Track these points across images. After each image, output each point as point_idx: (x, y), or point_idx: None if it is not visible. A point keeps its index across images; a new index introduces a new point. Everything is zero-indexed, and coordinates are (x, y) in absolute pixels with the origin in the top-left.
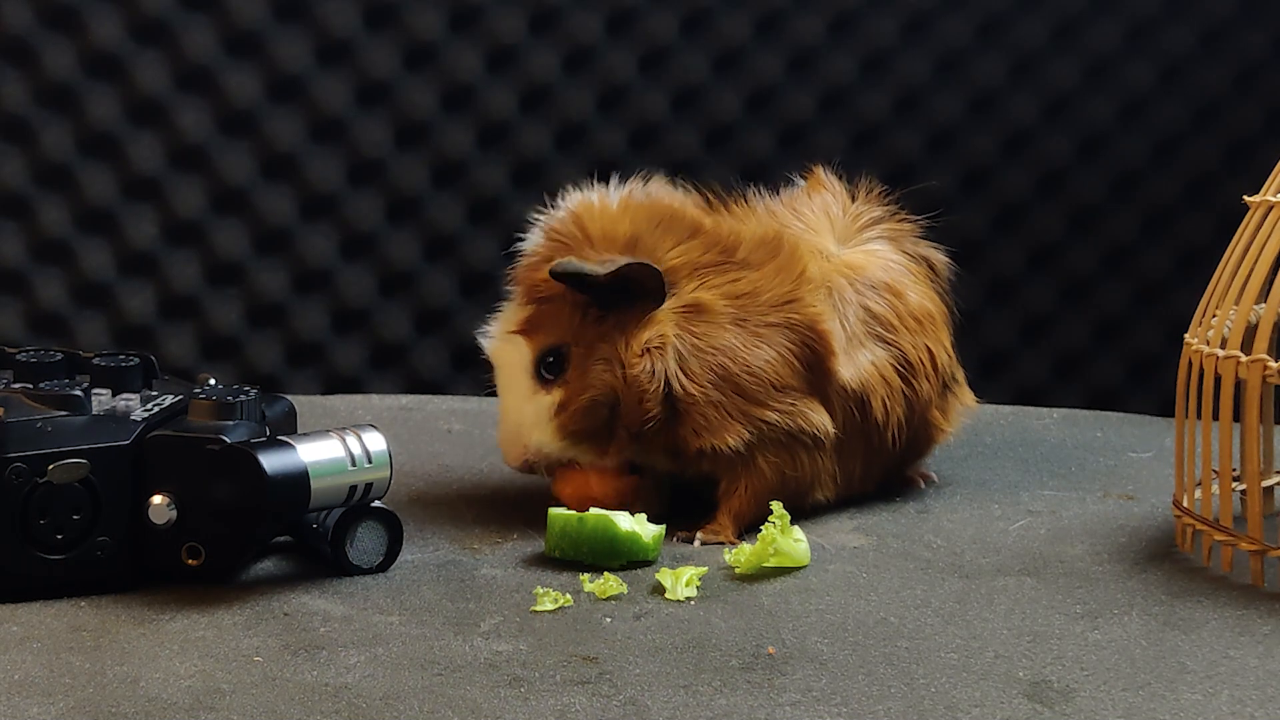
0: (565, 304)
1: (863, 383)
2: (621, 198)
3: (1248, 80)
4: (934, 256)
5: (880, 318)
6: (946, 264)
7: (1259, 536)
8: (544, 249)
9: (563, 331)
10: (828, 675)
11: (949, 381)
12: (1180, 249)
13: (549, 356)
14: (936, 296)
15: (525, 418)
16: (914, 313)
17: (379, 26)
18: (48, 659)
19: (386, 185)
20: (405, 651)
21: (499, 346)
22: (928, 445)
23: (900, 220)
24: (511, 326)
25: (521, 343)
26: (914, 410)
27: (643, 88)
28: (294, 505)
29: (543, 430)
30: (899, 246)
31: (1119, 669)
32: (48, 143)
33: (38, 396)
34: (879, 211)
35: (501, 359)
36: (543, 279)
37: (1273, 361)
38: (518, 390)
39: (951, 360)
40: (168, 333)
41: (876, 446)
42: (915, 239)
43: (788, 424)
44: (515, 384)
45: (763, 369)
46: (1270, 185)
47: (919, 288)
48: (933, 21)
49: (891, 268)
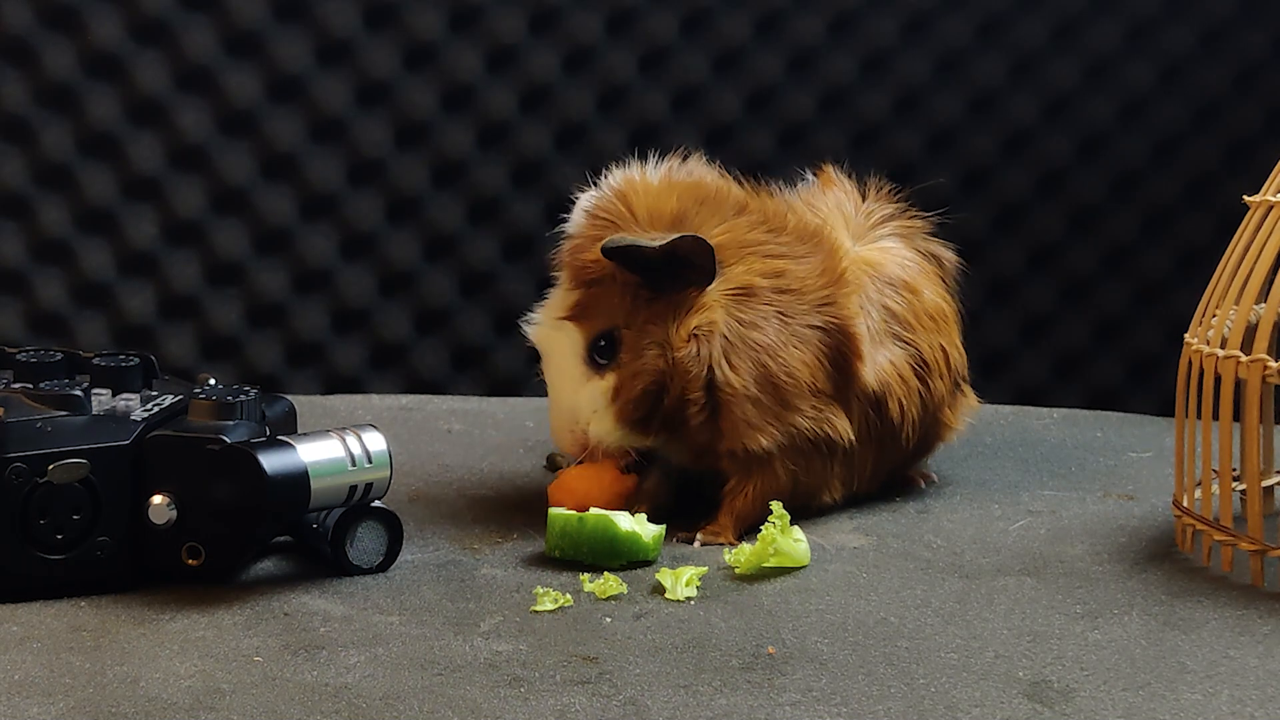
0: (615, 285)
1: (882, 384)
2: (663, 175)
3: (1248, 80)
4: (943, 254)
5: (899, 316)
6: (955, 261)
7: (1259, 536)
8: (590, 230)
9: (613, 314)
10: (828, 675)
11: (960, 380)
12: (1180, 249)
13: (600, 340)
14: (947, 294)
15: (581, 404)
16: (930, 311)
17: (379, 26)
18: (48, 659)
19: (386, 185)
20: (405, 651)
21: (547, 333)
22: (936, 443)
23: (910, 217)
24: (560, 312)
25: (572, 328)
26: (928, 409)
27: (643, 88)
28: (294, 505)
29: (601, 418)
30: (910, 244)
31: (1119, 669)
32: (48, 143)
33: (38, 396)
34: (890, 209)
35: (551, 346)
36: (592, 260)
37: (1273, 361)
38: (570, 376)
39: (963, 359)
40: (168, 333)
41: (889, 447)
42: (925, 236)
43: (813, 430)
44: (566, 370)
45: (799, 370)
46: (1270, 185)
47: (933, 285)
48: (933, 21)
49: (907, 265)
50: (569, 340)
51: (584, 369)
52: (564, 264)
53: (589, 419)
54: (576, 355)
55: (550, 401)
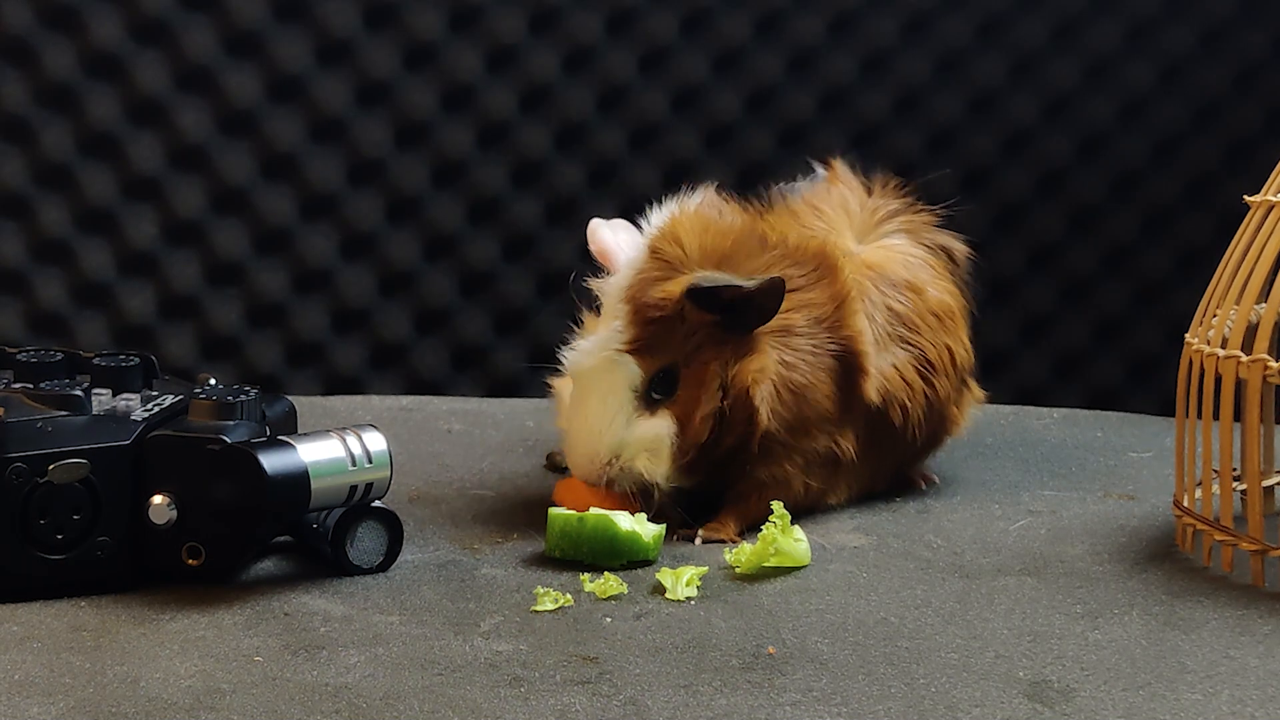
0: (679, 324)
1: (883, 393)
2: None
3: (1248, 80)
4: (954, 246)
5: (903, 317)
6: (966, 253)
7: (1259, 536)
8: (651, 268)
9: (673, 352)
10: (828, 675)
11: (965, 377)
12: (1180, 249)
13: (660, 376)
14: (955, 289)
15: (630, 440)
16: (934, 310)
17: (379, 26)
18: (48, 659)
19: (386, 185)
20: (405, 651)
21: (599, 364)
22: (942, 440)
23: (918, 211)
24: (622, 345)
25: (631, 362)
26: (933, 409)
27: (643, 88)
28: (294, 505)
29: (657, 458)
30: (917, 239)
31: (1119, 669)
32: (48, 143)
33: (38, 396)
34: (896, 204)
35: (599, 378)
36: (659, 297)
37: (1273, 361)
38: (616, 410)
39: (969, 355)
40: (168, 333)
41: (892, 449)
42: (934, 229)
43: (825, 450)
44: (613, 404)
45: (823, 404)
46: (1270, 185)
47: (939, 282)
48: (933, 21)
49: (911, 263)
50: (625, 374)
51: (635, 404)
52: (627, 298)
53: (635, 456)
54: (630, 390)
55: (579, 430)
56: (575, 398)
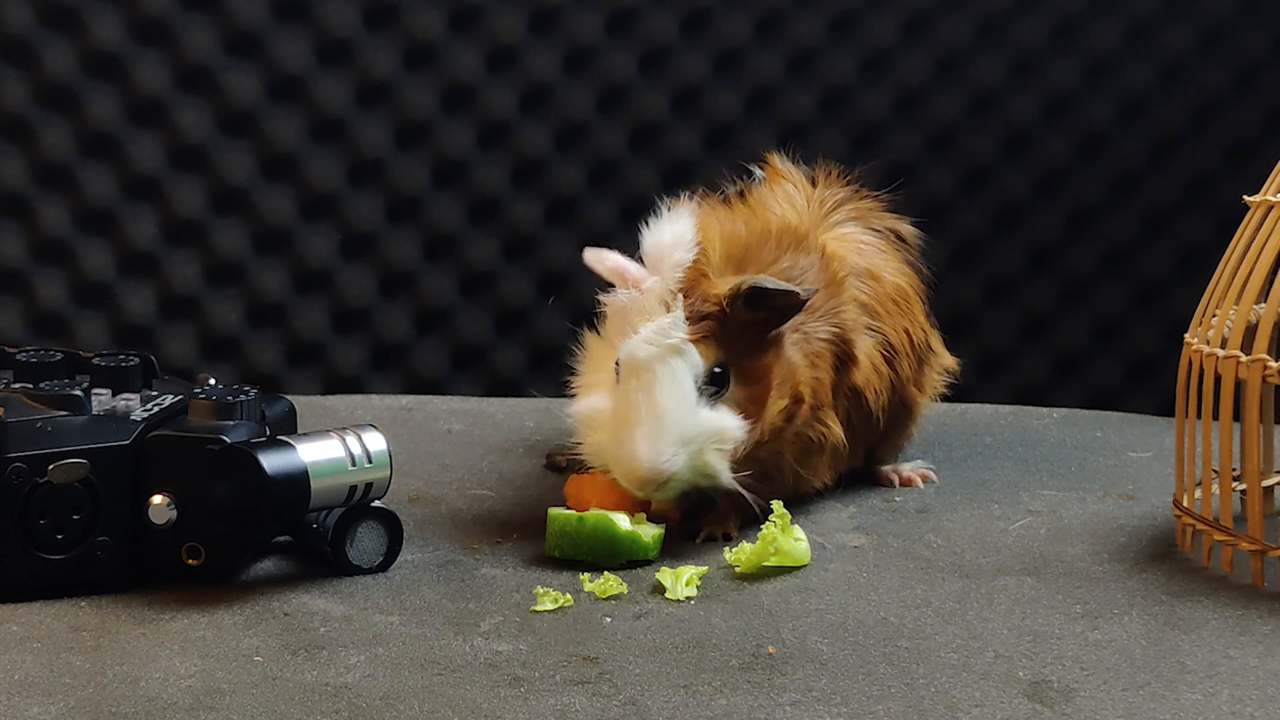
0: (727, 322)
1: (865, 380)
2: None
3: (1248, 80)
4: (901, 227)
5: (867, 306)
6: (915, 234)
7: (1259, 536)
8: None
9: (719, 348)
10: (828, 675)
11: (924, 355)
12: (1180, 249)
13: (716, 368)
14: (908, 268)
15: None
16: (891, 295)
17: (379, 26)
18: (48, 659)
19: (386, 185)
20: (405, 651)
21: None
22: (908, 420)
23: (863, 197)
24: (688, 334)
25: (694, 353)
26: (895, 391)
27: (643, 88)
28: (294, 505)
29: (724, 452)
30: (866, 224)
31: (1119, 669)
32: (48, 143)
33: (38, 396)
34: (842, 192)
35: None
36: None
37: (1273, 361)
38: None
39: (926, 333)
40: (168, 333)
41: (866, 431)
42: (881, 213)
43: (816, 436)
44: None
45: (824, 393)
46: (1270, 185)
47: (892, 265)
48: (933, 21)
49: (865, 250)
50: (690, 362)
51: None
52: (685, 291)
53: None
54: (694, 380)
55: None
56: (629, 389)
